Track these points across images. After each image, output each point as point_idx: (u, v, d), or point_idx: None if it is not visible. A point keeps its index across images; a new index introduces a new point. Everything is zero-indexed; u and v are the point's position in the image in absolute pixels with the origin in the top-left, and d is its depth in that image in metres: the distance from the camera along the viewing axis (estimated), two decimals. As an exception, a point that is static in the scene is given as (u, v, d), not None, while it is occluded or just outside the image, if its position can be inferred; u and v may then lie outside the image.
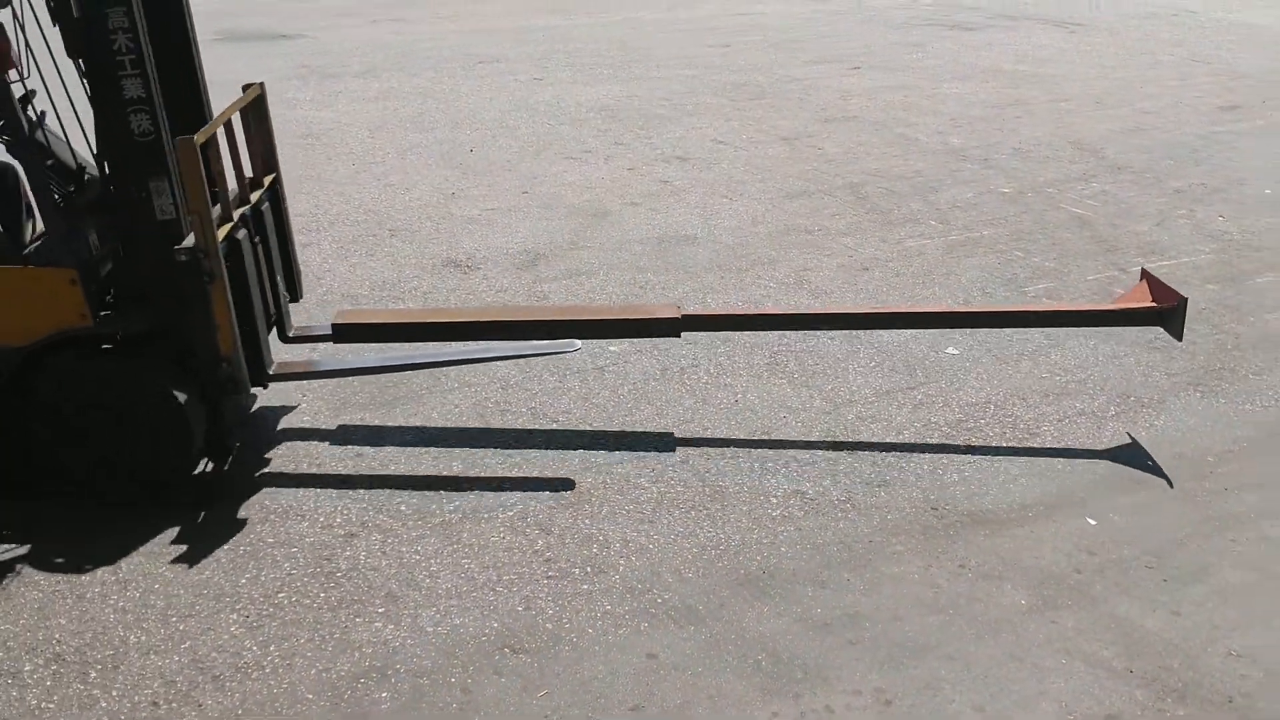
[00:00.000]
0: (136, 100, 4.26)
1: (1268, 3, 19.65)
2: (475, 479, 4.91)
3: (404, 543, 4.46)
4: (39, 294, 4.35)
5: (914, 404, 5.67)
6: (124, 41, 4.18)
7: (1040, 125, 10.98)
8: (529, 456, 5.10)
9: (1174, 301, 5.41)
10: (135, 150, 4.30)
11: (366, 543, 4.46)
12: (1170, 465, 5.14)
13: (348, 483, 4.88)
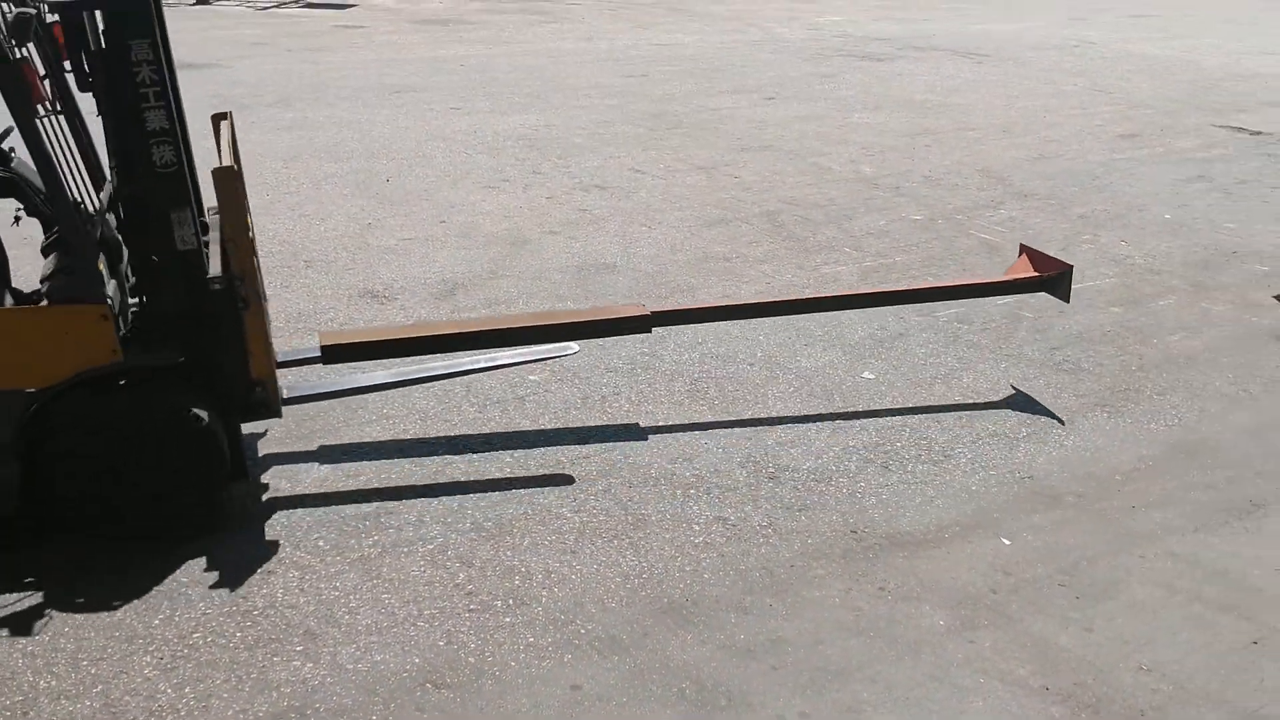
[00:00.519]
0: (160, 132, 4.27)
1: (1163, 35, 20.41)
2: (394, 513, 4.86)
3: (322, 579, 4.39)
4: (66, 333, 4.25)
5: (833, 428, 5.74)
6: (148, 74, 4.20)
7: (949, 154, 11.24)
8: (449, 489, 5.06)
9: (1057, 270, 6.25)
10: (158, 181, 4.30)
11: (284, 580, 4.38)
12: (1080, 484, 5.27)
13: (265, 519, 4.79)
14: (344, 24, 19.28)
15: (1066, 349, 6.75)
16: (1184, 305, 7.50)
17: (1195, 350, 6.80)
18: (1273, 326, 7.18)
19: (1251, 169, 10.98)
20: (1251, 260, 8.38)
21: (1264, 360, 6.67)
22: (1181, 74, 16.26)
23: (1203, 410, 6.05)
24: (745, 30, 19.47)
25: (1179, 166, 11.01)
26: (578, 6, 22.25)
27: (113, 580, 4.34)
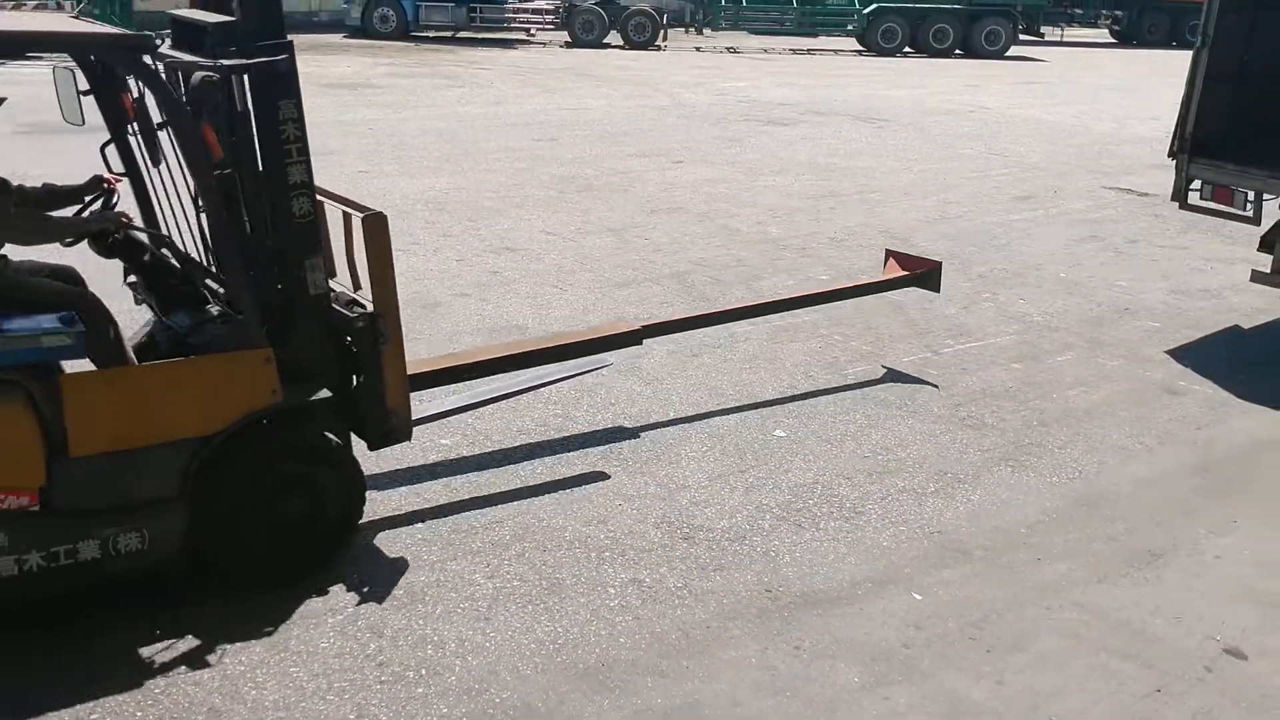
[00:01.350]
0: (300, 185, 4.60)
1: (1053, 101, 21.23)
2: (302, 583, 4.75)
3: (227, 653, 4.26)
4: (233, 378, 4.43)
5: (745, 487, 5.78)
6: (292, 131, 4.54)
7: (852, 215, 11.50)
8: (359, 556, 4.96)
9: (926, 267, 7.46)
10: (297, 230, 4.60)
11: (185, 654, 4.24)
12: (988, 537, 5.37)
13: (160, 587, 4.64)
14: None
15: (970, 405, 6.91)
16: (1081, 361, 7.73)
17: (1093, 404, 7.01)
18: (1165, 380, 7.43)
19: (1140, 229, 11.42)
20: (1143, 317, 8.69)
21: (1157, 413, 6.90)
22: (1072, 138, 16.91)
23: (1102, 463, 6.22)
24: (652, 96, 19.78)
25: (1072, 227, 11.40)
26: (485, 72, 22.41)
27: (13, 656, 4.16)
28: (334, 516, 4.77)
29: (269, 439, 4.57)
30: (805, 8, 31.36)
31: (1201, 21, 8.00)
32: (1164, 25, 34.04)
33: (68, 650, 4.23)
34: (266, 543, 4.58)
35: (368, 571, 4.84)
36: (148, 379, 4.35)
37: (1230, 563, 5.26)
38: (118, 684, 4.05)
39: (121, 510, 4.27)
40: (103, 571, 4.27)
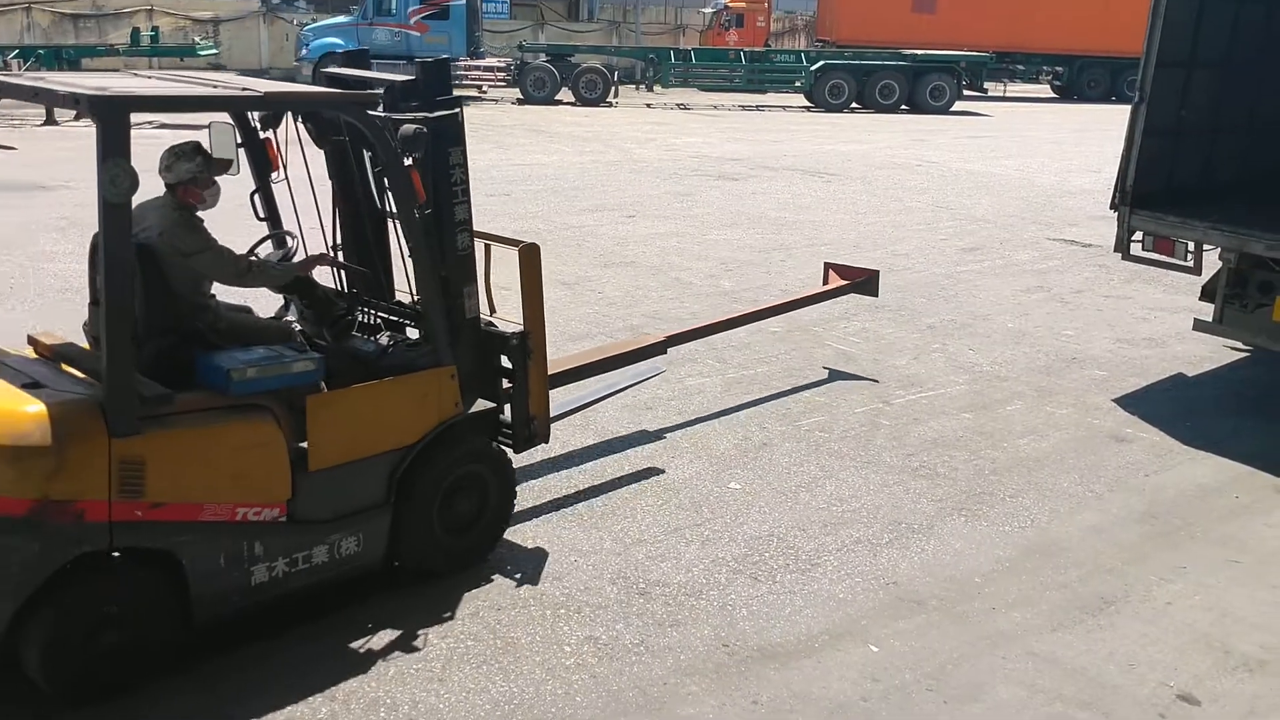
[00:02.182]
0: (463, 222, 5.26)
1: (998, 155, 21.65)
2: (246, 642, 4.66)
3: (165, 716, 4.16)
4: (428, 394, 5.02)
5: (702, 540, 5.76)
6: (459, 175, 5.19)
7: (803, 268, 11.60)
8: (310, 615, 4.88)
9: (864, 275, 8.49)
10: (459, 262, 5.26)
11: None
12: (943, 587, 5.39)
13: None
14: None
15: (923, 454, 6.96)
16: (1030, 410, 7.83)
17: (1043, 453, 7.08)
18: (1113, 428, 7.54)
19: (1085, 279, 11.63)
20: (1090, 366, 8.83)
21: (1106, 461, 6.99)
22: (1016, 191, 17.23)
23: (1053, 511, 6.28)
24: (604, 151, 19.94)
25: (1019, 278, 11.59)
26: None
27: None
28: (495, 513, 5.39)
29: (452, 446, 5.13)
30: (754, 65, 31.85)
31: (1139, 78, 8.21)
32: (1103, 81, 34.92)
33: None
34: (447, 538, 5.17)
35: (319, 631, 4.76)
36: (367, 398, 4.86)
37: (1181, 609, 5.32)
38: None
39: (343, 517, 4.77)
40: (328, 573, 4.77)
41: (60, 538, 4.01)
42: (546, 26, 37.45)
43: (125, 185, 4.02)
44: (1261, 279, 7.64)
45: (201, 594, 4.37)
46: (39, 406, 4.05)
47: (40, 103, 4.68)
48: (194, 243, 4.70)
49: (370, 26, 28.31)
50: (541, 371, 5.65)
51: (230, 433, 4.41)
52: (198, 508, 4.31)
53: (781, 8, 41.72)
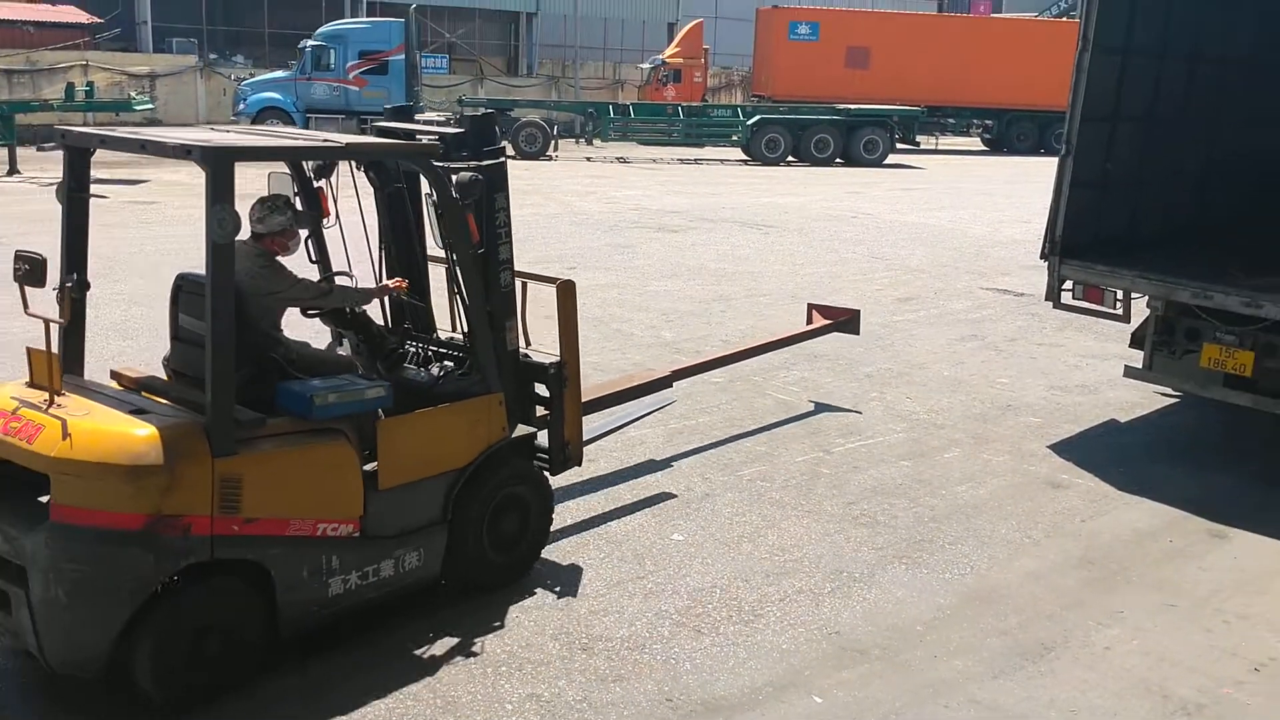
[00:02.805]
0: (506, 261, 5.75)
1: (931, 206, 22.05)
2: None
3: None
4: (480, 419, 5.44)
5: (644, 593, 5.73)
6: (504, 218, 5.72)
7: (742, 318, 11.70)
8: (251, 679, 4.77)
9: (847, 315, 9.03)
10: (502, 298, 5.74)
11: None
12: (885, 636, 5.39)
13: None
14: (137, 199, 18.87)
15: (863, 503, 7.00)
16: (967, 457, 7.91)
17: (981, 500, 7.16)
18: (1049, 475, 7.64)
19: (1018, 328, 11.84)
20: (1024, 413, 8.96)
21: (1043, 507, 7.08)
22: (949, 241, 17.54)
23: (992, 558, 6.33)
24: (545, 204, 20.01)
25: (953, 327, 11.77)
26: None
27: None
28: (536, 530, 5.79)
29: (499, 467, 5.53)
30: (692, 120, 32.24)
31: (1065, 131, 8.43)
32: (1031, 134, 35.80)
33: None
34: (494, 554, 5.56)
35: (259, 690, 4.65)
36: (429, 423, 5.28)
37: (1119, 654, 5.37)
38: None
39: (407, 533, 5.16)
40: (392, 587, 5.14)
41: (170, 550, 4.37)
42: (486, 81, 37.68)
43: (230, 228, 4.47)
44: (1188, 326, 7.83)
45: (287, 604, 4.73)
46: (151, 430, 4.40)
47: (149, 154, 5.02)
48: (281, 282, 5.22)
49: (309, 82, 28.31)
50: (576, 399, 6.18)
51: (312, 454, 4.80)
52: (285, 523, 4.69)
53: (718, 63, 42.34)
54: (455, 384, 5.64)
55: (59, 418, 4.42)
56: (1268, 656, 5.41)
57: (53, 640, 4.31)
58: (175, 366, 5.19)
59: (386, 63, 28.68)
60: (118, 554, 4.26)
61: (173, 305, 5.15)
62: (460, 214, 5.33)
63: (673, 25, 42.32)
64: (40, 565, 4.28)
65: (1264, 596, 6.03)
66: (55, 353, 4.63)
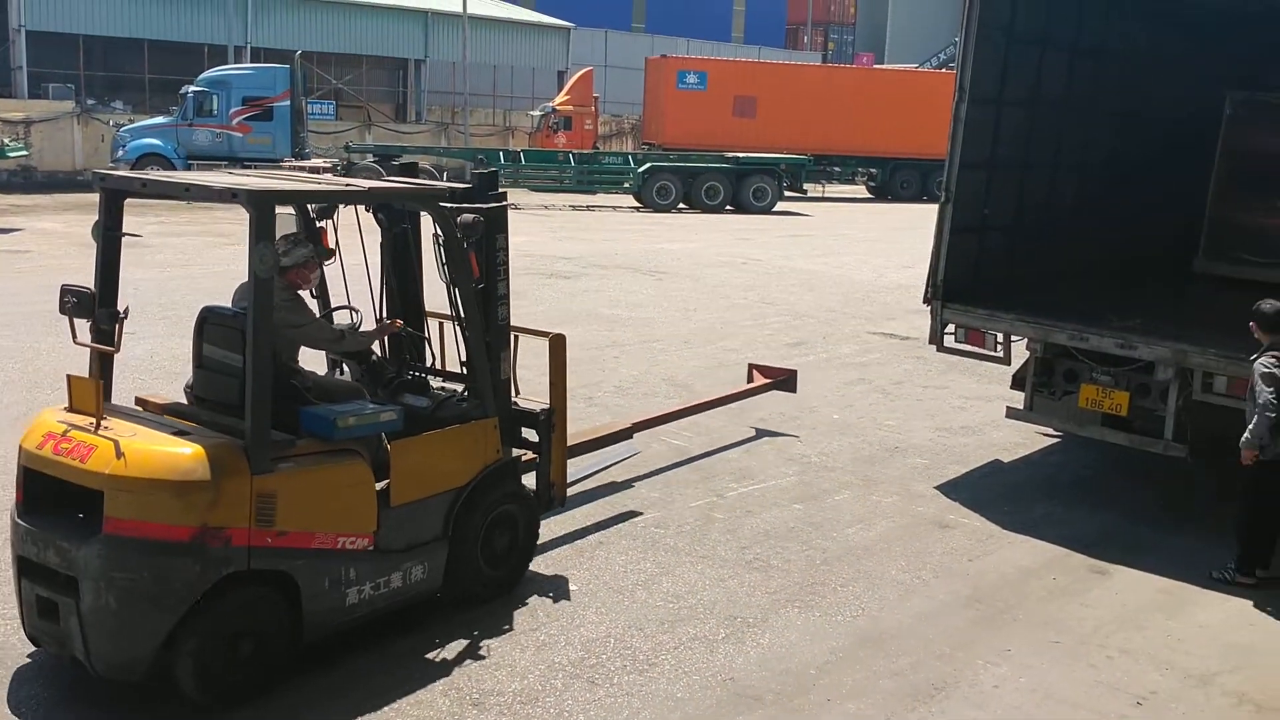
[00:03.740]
0: (504, 296, 6.25)
1: (818, 252, 22.46)
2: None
3: None
4: (477, 440, 5.88)
5: (537, 645, 5.63)
6: (503, 257, 6.21)
7: (636, 364, 11.71)
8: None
9: (785, 374, 9.66)
10: (498, 330, 6.22)
11: None
12: (779, 681, 5.38)
13: None
14: (9, 248, 18.20)
15: (756, 547, 7.01)
16: (857, 499, 8.00)
17: (871, 541, 7.23)
18: (936, 515, 7.76)
19: (904, 371, 12.07)
20: (911, 455, 9.11)
21: (931, 547, 7.18)
22: (837, 287, 17.86)
23: (883, 599, 6.39)
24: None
25: (842, 370, 11.95)
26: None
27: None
28: (523, 547, 6.23)
29: (493, 487, 5.95)
30: (583, 166, 32.38)
31: (944, 178, 8.67)
32: (915, 181, 36.78)
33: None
34: (487, 569, 5.95)
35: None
36: (435, 444, 5.69)
37: (1008, 692, 5.44)
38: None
39: (414, 547, 5.55)
40: (400, 598, 5.53)
41: (214, 560, 4.74)
42: (374, 127, 37.35)
43: (271, 263, 4.97)
44: (1066, 368, 8.06)
45: (312, 612, 5.10)
46: (197, 449, 4.80)
47: (192, 199, 5.45)
48: (303, 316, 5.70)
49: (190, 128, 27.69)
50: (563, 443, 6.63)
51: (334, 472, 5.20)
52: (311, 536, 5.07)
53: (608, 111, 42.71)
54: (456, 408, 6.08)
55: (110, 439, 4.80)
56: (1149, 690, 5.54)
57: (101, 646, 4.66)
58: (199, 393, 5.55)
59: (271, 109, 28.23)
60: (167, 563, 4.64)
61: (197, 336, 5.52)
62: (463, 252, 5.82)
63: (563, 73, 42.60)
64: (92, 575, 4.62)
65: (1144, 631, 6.19)
66: (99, 380, 5.10)
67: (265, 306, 4.98)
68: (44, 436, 4.99)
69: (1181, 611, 6.46)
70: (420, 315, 6.62)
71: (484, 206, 6.05)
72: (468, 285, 5.94)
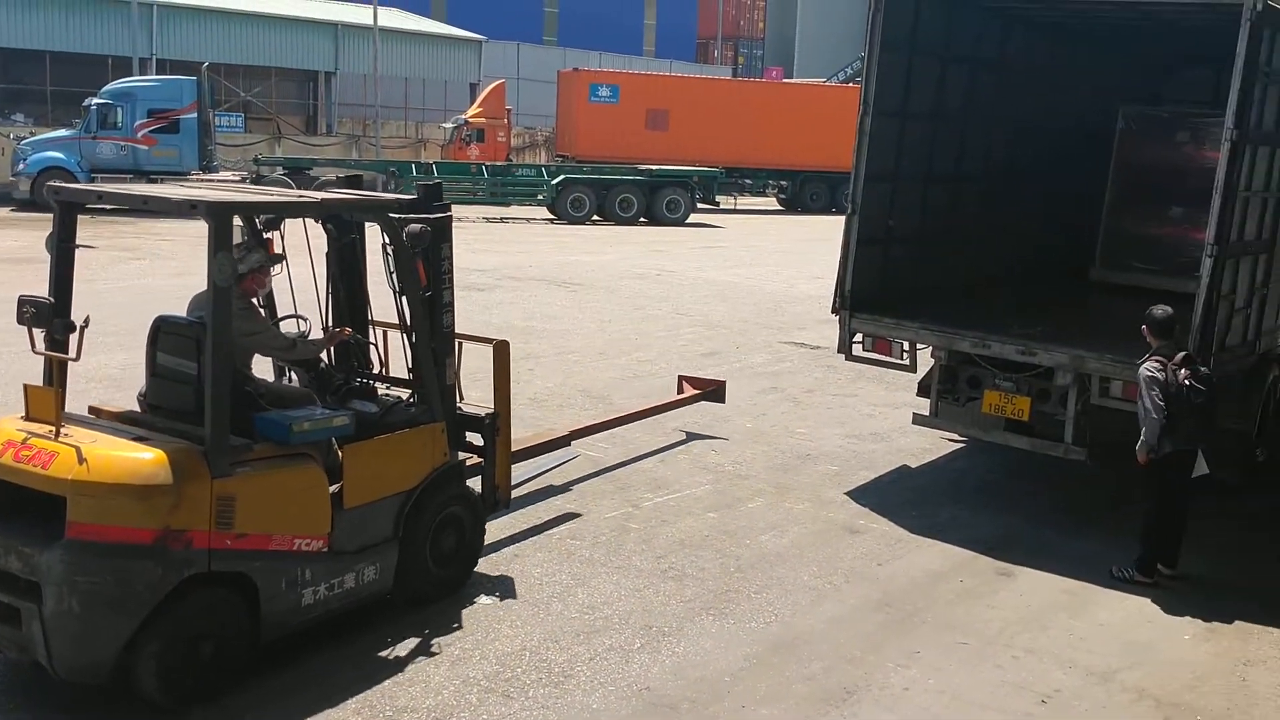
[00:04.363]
0: (449, 304, 6.43)
1: (731, 264, 22.67)
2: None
3: None
4: (426, 444, 6.03)
5: (451, 660, 5.60)
6: (448, 266, 6.40)
7: (551, 376, 11.70)
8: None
9: (714, 385, 9.90)
10: (444, 337, 6.36)
11: None
12: (693, 689, 5.42)
13: None
14: (-106, 262, 17.54)
15: (671, 556, 7.05)
16: (770, 506, 8.10)
17: (784, 548, 7.32)
18: (847, 521, 7.89)
19: (815, 379, 12.24)
20: (823, 461, 9.24)
21: (842, 553, 7.29)
22: (749, 298, 18.04)
23: (795, 604, 6.47)
24: (346, 264, 19.60)
25: (754, 380, 12.07)
26: (167, 243, 21.54)
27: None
28: (469, 547, 6.38)
29: (441, 489, 6.11)
30: (496, 179, 32.25)
31: (850, 191, 8.83)
32: (824, 194, 37.31)
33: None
34: (435, 569, 6.10)
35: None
36: (386, 448, 5.85)
37: (917, 693, 5.55)
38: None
39: (365, 549, 5.69)
40: (353, 599, 5.66)
41: (175, 562, 4.84)
42: (284, 140, 36.83)
43: (230, 272, 5.13)
44: (970, 374, 8.26)
45: (270, 613, 5.22)
46: (158, 453, 4.90)
47: (153, 209, 5.65)
48: (255, 325, 5.83)
49: (94, 141, 26.99)
50: (507, 447, 6.82)
51: (290, 476, 5.33)
52: (268, 538, 5.20)
53: (521, 123, 42.63)
54: (405, 413, 6.19)
55: (71, 445, 4.89)
56: (1053, 689, 5.70)
57: (64, 650, 4.69)
58: (153, 401, 5.61)
59: (178, 121, 27.63)
60: (130, 566, 4.72)
61: (150, 345, 5.59)
62: (412, 261, 6.03)
63: (475, 85, 42.42)
64: (55, 579, 4.66)
65: (1048, 631, 6.36)
66: (59, 389, 5.08)
67: (224, 314, 5.10)
68: (4, 445, 5.04)
69: (1084, 611, 6.65)
70: (366, 323, 6.74)
71: (430, 217, 6.25)
72: (415, 293, 6.13)
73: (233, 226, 5.18)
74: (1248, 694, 5.77)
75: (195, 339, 5.28)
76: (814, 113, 36.46)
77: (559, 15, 55.77)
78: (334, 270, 6.70)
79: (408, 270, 6.09)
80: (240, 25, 37.85)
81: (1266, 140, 7.71)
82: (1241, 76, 7.05)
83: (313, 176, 29.45)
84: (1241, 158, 7.27)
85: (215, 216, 5.09)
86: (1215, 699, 5.70)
